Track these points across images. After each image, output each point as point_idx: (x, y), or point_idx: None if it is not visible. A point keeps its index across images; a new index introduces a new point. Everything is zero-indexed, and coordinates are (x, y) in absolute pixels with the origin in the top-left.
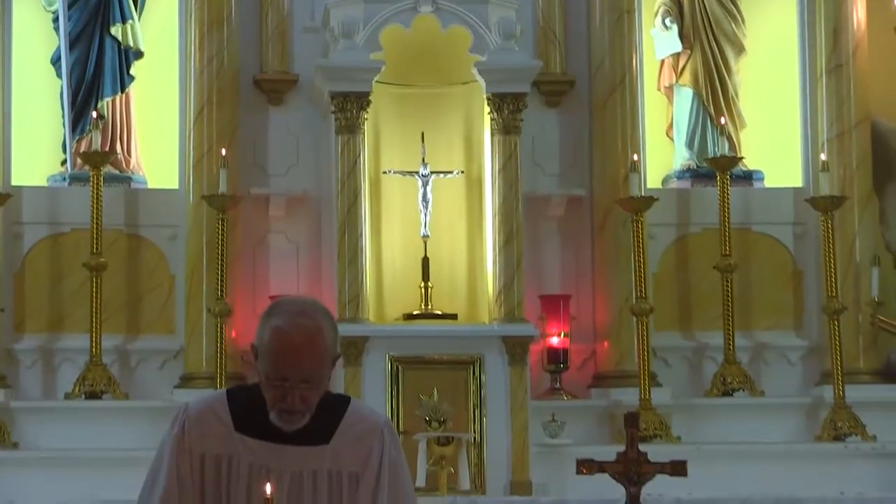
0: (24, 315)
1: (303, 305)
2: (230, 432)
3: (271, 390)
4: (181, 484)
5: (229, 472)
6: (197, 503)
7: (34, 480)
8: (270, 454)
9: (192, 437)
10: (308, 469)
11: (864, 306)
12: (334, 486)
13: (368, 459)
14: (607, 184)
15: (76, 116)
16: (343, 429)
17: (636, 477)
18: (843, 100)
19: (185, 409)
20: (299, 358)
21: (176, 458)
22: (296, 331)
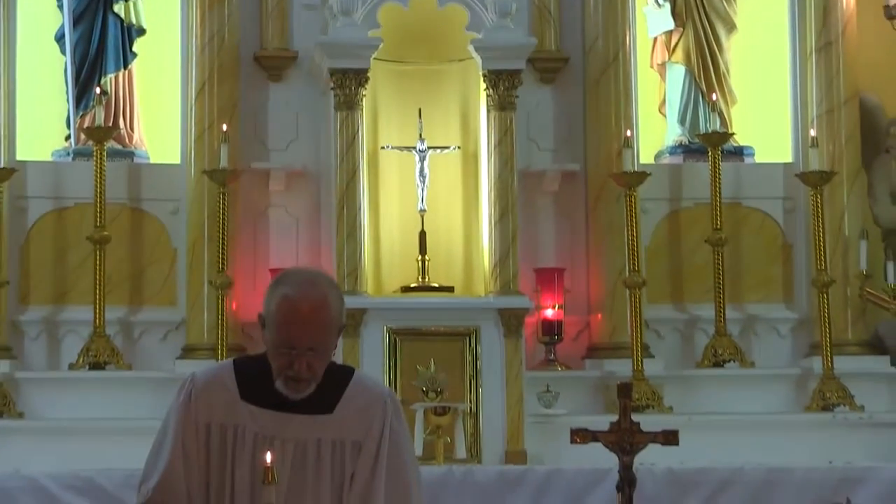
0: (29, 287)
1: (310, 275)
2: (236, 401)
3: (278, 358)
4: (186, 452)
5: (234, 440)
6: (201, 471)
7: (39, 449)
8: (275, 423)
9: (199, 405)
10: (312, 438)
11: (852, 279)
12: (337, 455)
13: (371, 429)
14: (601, 159)
15: (80, 92)
16: (347, 399)
17: (629, 446)
18: (832, 77)
19: (192, 379)
20: (306, 326)
21: (182, 427)
22: (303, 299)
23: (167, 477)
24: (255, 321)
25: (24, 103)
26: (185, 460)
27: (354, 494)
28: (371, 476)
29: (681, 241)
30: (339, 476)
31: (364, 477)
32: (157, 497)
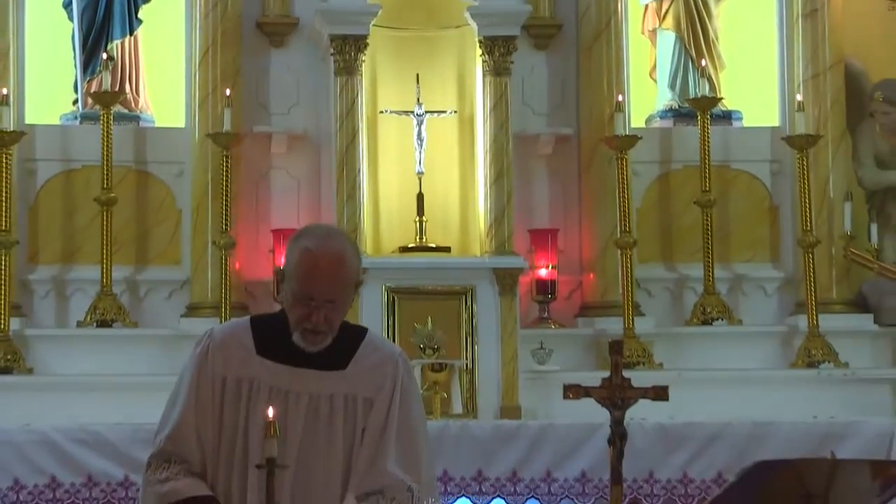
0: (38, 247)
1: (330, 230)
2: (252, 356)
3: (297, 309)
4: (201, 405)
5: (249, 393)
6: (216, 423)
7: (48, 404)
8: (290, 377)
9: (216, 360)
10: (325, 393)
11: (837, 240)
12: (349, 410)
13: (382, 386)
14: (593, 123)
15: (87, 58)
16: (359, 356)
17: (620, 401)
18: (818, 43)
19: (209, 334)
20: (326, 278)
21: (197, 380)
22: (323, 252)
23: (179, 428)
24: (258, 280)
25: (32, 69)
26: (199, 413)
27: (365, 449)
28: (381, 432)
29: (671, 203)
30: (350, 430)
31: (375, 432)
32: (169, 447)
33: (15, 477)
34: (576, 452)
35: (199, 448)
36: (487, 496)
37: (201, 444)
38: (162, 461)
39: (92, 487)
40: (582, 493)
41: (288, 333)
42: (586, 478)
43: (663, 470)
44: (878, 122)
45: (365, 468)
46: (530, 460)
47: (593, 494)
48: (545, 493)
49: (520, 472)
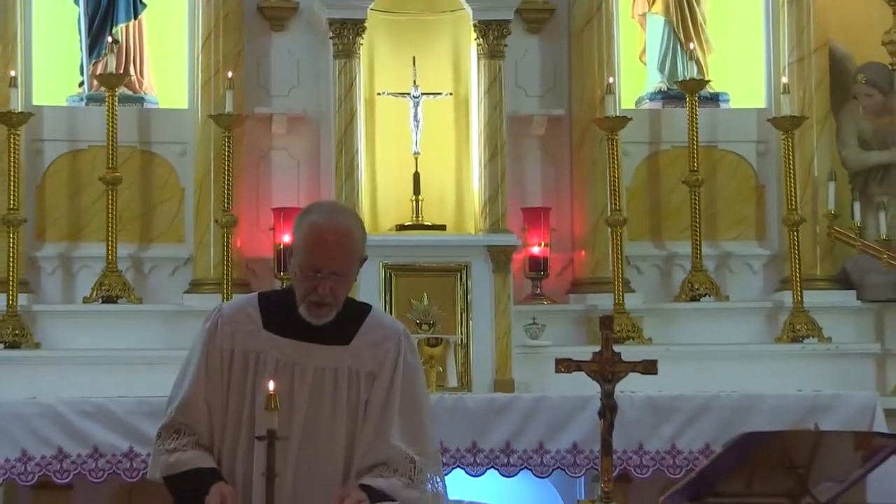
0: (45, 225)
1: (337, 206)
2: (259, 330)
3: (304, 282)
4: (210, 377)
5: (256, 365)
6: (223, 395)
7: (54, 378)
8: (296, 351)
9: (224, 334)
10: (330, 366)
11: (821, 218)
12: (353, 383)
13: (385, 361)
14: (585, 104)
15: (92, 41)
16: (363, 332)
17: (610, 375)
18: (803, 27)
19: (219, 310)
20: (332, 251)
21: (206, 354)
22: (330, 226)
23: (189, 399)
24: (259, 257)
25: (39, 52)
26: (208, 384)
27: (369, 422)
28: (385, 406)
29: (660, 182)
30: (354, 403)
31: (378, 406)
32: (179, 417)
33: (23, 448)
34: (567, 425)
35: (208, 419)
36: (482, 467)
37: (210, 414)
38: (171, 432)
39: (98, 458)
40: (573, 465)
41: (294, 309)
42: (578, 449)
43: (652, 441)
44: (861, 104)
45: (369, 441)
46: (523, 432)
47: (584, 465)
48: (538, 464)
49: (513, 443)
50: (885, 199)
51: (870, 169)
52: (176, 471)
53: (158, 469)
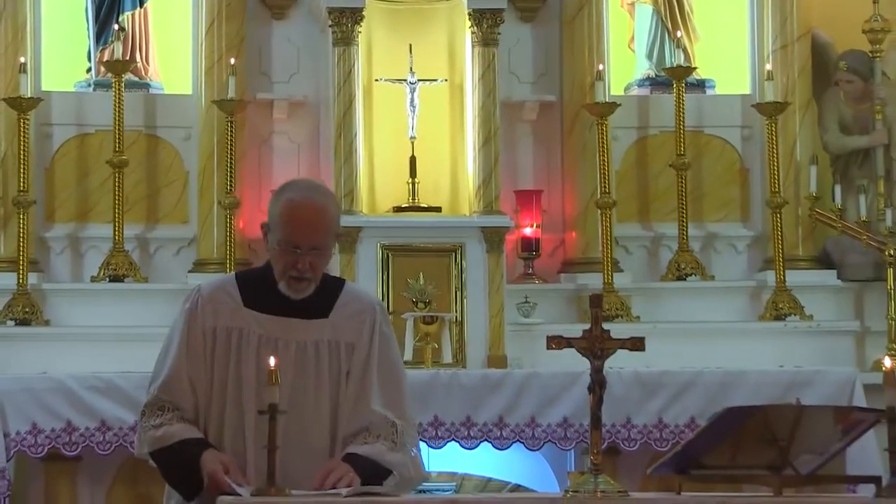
0: (55, 206)
1: (311, 183)
2: (240, 308)
3: (283, 258)
4: (192, 356)
5: (239, 341)
6: (207, 371)
7: (64, 353)
8: (277, 327)
9: (205, 313)
10: (311, 339)
11: (803, 200)
12: (334, 355)
13: (362, 332)
14: (575, 91)
15: (100, 29)
16: (340, 305)
17: (600, 352)
18: (786, 15)
19: (198, 289)
20: (309, 227)
21: (187, 333)
22: (306, 203)
23: (172, 377)
24: (261, 238)
25: (48, 39)
26: (191, 362)
27: (351, 390)
28: (364, 374)
29: (647, 166)
30: (335, 373)
31: (358, 375)
32: (163, 395)
33: (33, 421)
34: (558, 399)
35: (192, 395)
36: (475, 440)
37: (194, 391)
38: (156, 409)
39: (105, 431)
40: (564, 438)
41: (273, 285)
42: (568, 423)
43: (640, 415)
44: (842, 90)
45: (351, 409)
46: (515, 407)
47: (574, 439)
48: (529, 437)
49: (506, 417)
50: (864, 183)
51: (850, 153)
52: (165, 444)
53: (146, 445)
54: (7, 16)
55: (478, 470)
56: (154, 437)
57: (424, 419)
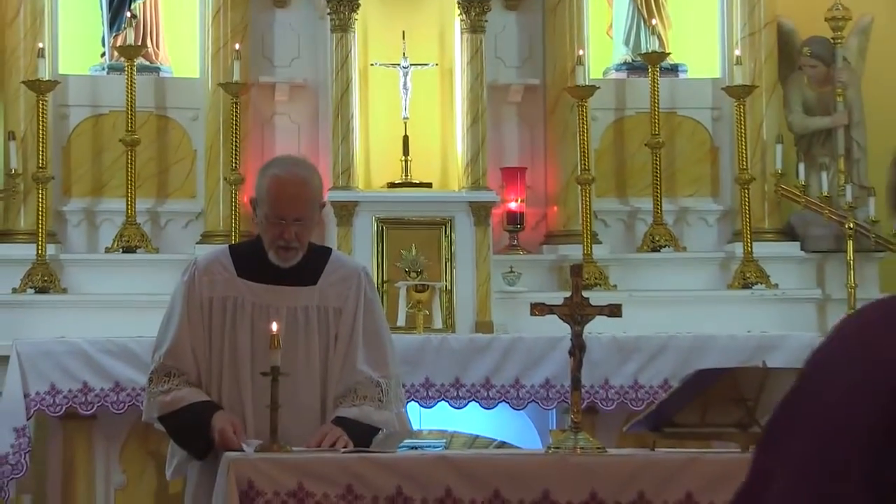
0: (71, 182)
1: (294, 159)
2: (234, 278)
3: (271, 229)
4: (192, 324)
5: (235, 309)
6: (206, 338)
7: (80, 319)
8: (269, 294)
9: (202, 284)
10: (301, 305)
11: (769, 177)
12: (322, 319)
13: (348, 297)
14: (557, 74)
15: (113, 16)
16: (327, 272)
17: (580, 318)
18: (754, 4)
19: (194, 262)
20: (294, 200)
21: (187, 303)
22: (290, 177)
23: (176, 345)
24: None
25: (65, 25)
26: (192, 330)
27: (339, 353)
28: (350, 336)
29: (624, 145)
30: (324, 337)
31: (346, 336)
32: (168, 362)
33: (52, 382)
34: (541, 362)
35: (195, 361)
36: (464, 400)
37: (196, 357)
38: (162, 375)
39: (119, 392)
40: (546, 398)
41: (263, 256)
42: (550, 384)
43: (617, 377)
44: (805, 74)
45: (338, 372)
46: (501, 369)
47: (556, 399)
48: (514, 397)
49: (492, 379)
50: (826, 160)
51: (813, 133)
52: (174, 408)
53: (155, 409)
54: (26, 3)
55: (466, 428)
56: (163, 402)
57: (416, 381)
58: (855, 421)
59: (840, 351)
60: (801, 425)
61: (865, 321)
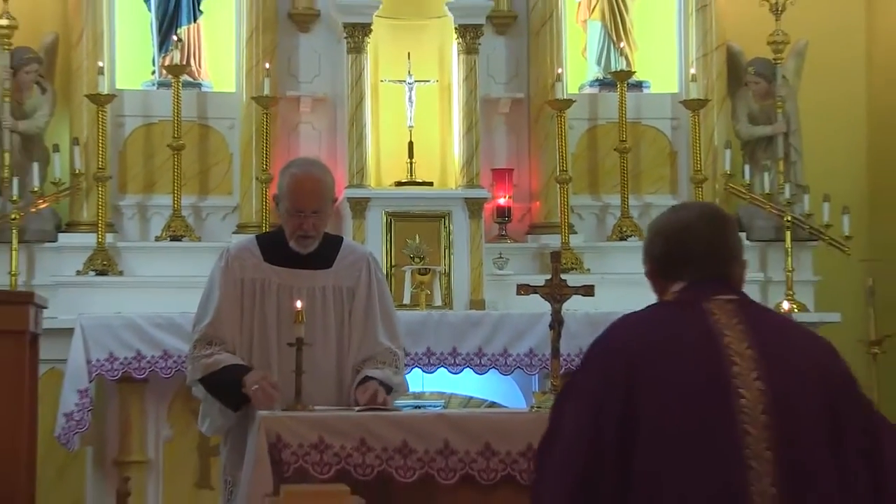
0: (126, 181)
1: (310, 160)
2: (261, 263)
3: (291, 221)
4: (228, 299)
5: (262, 290)
6: (238, 312)
7: (133, 297)
8: (291, 277)
9: (234, 267)
10: (319, 286)
11: (719, 177)
12: (338, 298)
13: (360, 278)
14: (540, 89)
15: (162, 39)
16: (340, 257)
17: (559, 297)
18: (707, 30)
19: (227, 249)
20: (311, 194)
21: (224, 282)
22: (307, 176)
23: (218, 316)
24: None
25: (121, 47)
26: (228, 307)
27: (356, 326)
28: (366, 311)
29: (596, 150)
30: (340, 312)
31: (361, 312)
32: (210, 331)
33: (110, 351)
34: (525, 334)
35: (231, 332)
36: (460, 367)
37: (232, 329)
38: (205, 343)
39: (167, 359)
40: (530, 365)
41: (285, 244)
42: (533, 353)
43: None
44: (750, 89)
45: (358, 340)
46: (492, 340)
47: (538, 366)
48: (503, 364)
49: (484, 348)
50: (768, 163)
51: (757, 139)
52: (215, 368)
53: (198, 371)
54: (88, 29)
55: (462, 390)
56: (206, 364)
57: (419, 350)
58: (606, 394)
59: (601, 343)
60: (575, 394)
61: (620, 323)
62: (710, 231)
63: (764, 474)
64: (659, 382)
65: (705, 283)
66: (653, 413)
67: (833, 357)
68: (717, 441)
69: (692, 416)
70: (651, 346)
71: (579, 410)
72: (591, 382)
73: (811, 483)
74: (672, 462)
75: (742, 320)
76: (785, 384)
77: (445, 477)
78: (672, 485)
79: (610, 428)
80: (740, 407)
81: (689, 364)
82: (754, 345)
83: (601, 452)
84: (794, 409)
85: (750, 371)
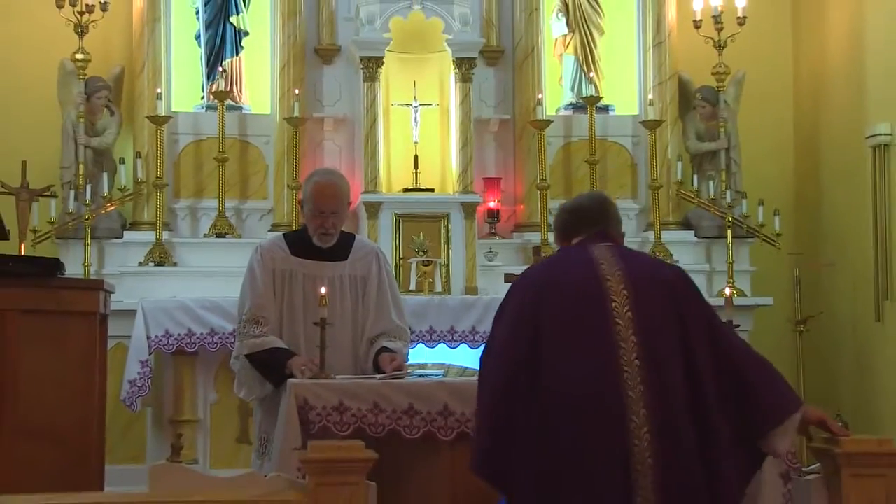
0: (180, 187)
1: (329, 170)
2: (288, 256)
3: (314, 220)
4: (266, 285)
5: (291, 279)
6: (273, 296)
7: (185, 285)
8: (315, 267)
9: (266, 260)
10: (337, 275)
11: (672, 185)
12: (353, 285)
13: (370, 268)
14: (523, 112)
15: (209, 70)
16: (354, 251)
17: None
18: (662, 62)
19: (260, 245)
20: (331, 198)
21: (261, 272)
22: (327, 183)
23: (261, 300)
24: None
25: (176, 76)
26: (267, 290)
27: (369, 307)
28: (378, 295)
29: (571, 162)
30: (355, 297)
31: (373, 296)
32: (256, 312)
33: (166, 329)
34: None
35: (273, 311)
36: (457, 342)
37: (273, 309)
38: (252, 323)
39: (213, 336)
40: None
41: (309, 240)
42: None
43: None
44: (698, 112)
45: (373, 319)
46: (484, 320)
47: None
48: None
49: (477, 327)
50: (713, 173)
51: (703, 153)
52: (262, 348)
53: (246, 348)
54: (149, 61)
55: (459, 362)
56: (254, 343)
57: (423, 328)
58: (521, 318)
59: (520, 278)
60: (502, 319)
61: (535, 264)
62: (596, 206)
63: (630, 351)
64: (558, 299)
65: (592, 237)
66: (552, 312)
67: (680, 278)
68: (595, 330)
69: (577, 318)
70: (554, 277)
71: (503, 332)
72: (512, 308)
73: (664, 359)
74: (559, 351)
75: (614, 255)
76: (644, 292)
77: (445, 434)
78: (560, 365)
79: (523, 346)
80: (612, 307)
81: (577, 285)
82: (622, 269)
83: (519, 363)
84: (651, 307)
85: (618, 284)
